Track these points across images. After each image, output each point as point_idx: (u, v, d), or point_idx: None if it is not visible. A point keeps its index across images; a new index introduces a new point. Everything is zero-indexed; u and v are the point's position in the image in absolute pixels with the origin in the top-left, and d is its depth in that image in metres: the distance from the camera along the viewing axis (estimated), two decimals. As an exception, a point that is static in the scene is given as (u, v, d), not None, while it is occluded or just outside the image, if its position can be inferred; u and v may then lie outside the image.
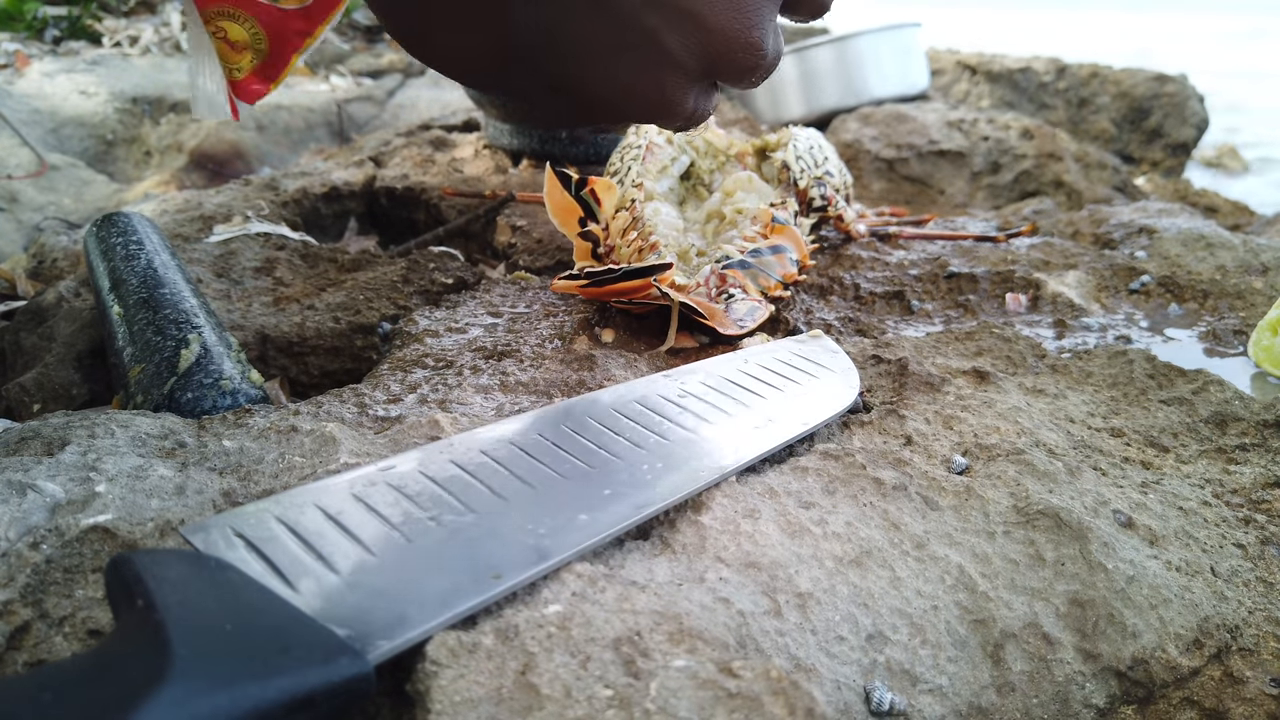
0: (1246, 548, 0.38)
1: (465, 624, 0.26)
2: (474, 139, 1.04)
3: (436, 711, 0.23)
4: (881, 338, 0.56)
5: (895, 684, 0.29)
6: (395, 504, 0.29)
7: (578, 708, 0.23)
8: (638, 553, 0.31)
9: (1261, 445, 0.44)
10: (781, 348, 0.47)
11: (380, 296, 0.63)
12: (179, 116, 1.57)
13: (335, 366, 0.59)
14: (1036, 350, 0.53)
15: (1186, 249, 0.71)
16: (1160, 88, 1.72)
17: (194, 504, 0.32)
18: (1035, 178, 1.19)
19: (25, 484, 0.31)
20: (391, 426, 0.40)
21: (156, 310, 0.48)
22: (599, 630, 0.26)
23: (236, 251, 0.68)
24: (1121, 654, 0.32)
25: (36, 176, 1.22)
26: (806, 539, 0.33)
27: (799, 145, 0.69)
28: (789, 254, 0.58)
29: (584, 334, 0.51)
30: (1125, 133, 1.75)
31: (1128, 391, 0.49)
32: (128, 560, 0.23)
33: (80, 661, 0.21)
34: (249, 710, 0.20)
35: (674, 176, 0.69)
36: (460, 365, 0.49)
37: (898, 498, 0.36)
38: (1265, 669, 0.33)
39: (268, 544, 0.27)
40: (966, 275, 0.65)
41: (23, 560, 0.28)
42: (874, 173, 1.22)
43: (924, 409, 0.44)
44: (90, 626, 0.27)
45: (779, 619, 0.29)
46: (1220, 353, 0.56)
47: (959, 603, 0.32)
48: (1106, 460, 0.42)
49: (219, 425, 0.39)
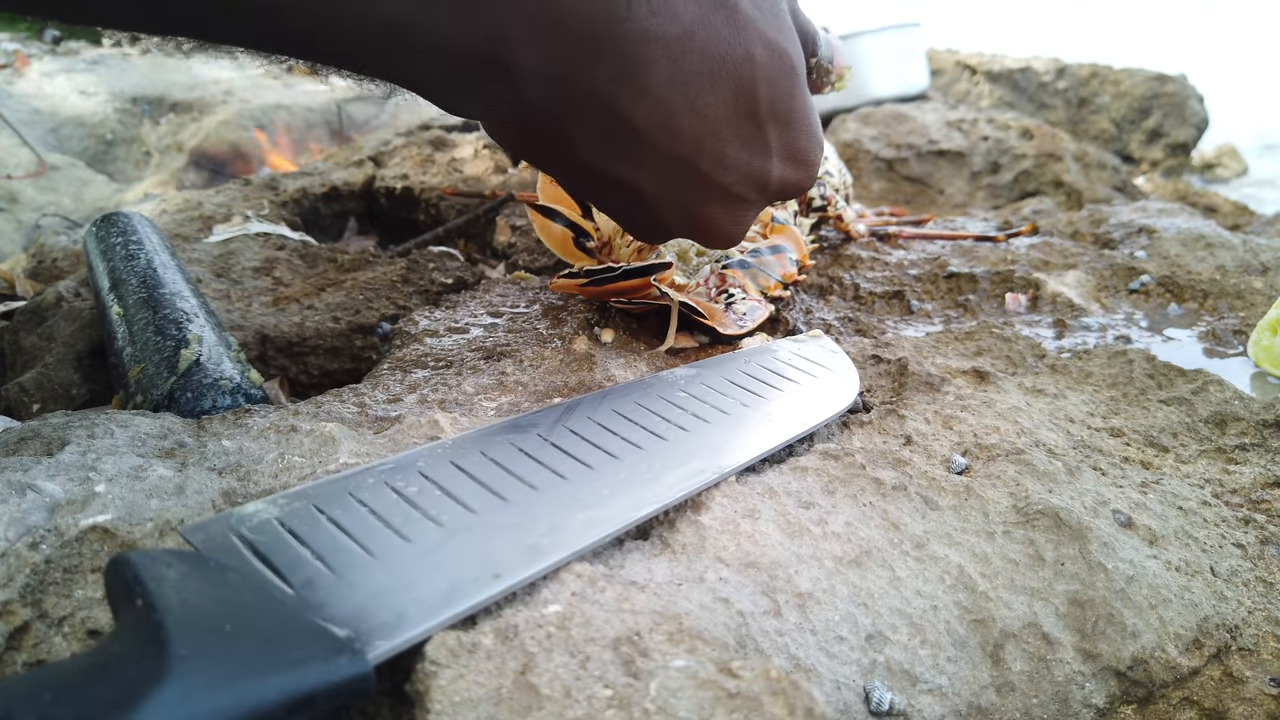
0: (1246, 548, 0.38)
1: (465, 624, 0.26)
2: (474, 139, 1.04)
3: (436, 711, 0.23)
4: (881, 338, 0.56)
5: (895, 684, 0.29)
6: (395, 504, 0.29)
7: (577, 708, 0.23)
8: (637, 553, 0.31)
9: (1261, 445, 0.44)
10: (781, 348, 0.47)
11: (380, 296, 0.63)
12: (179, 116, 1.57)
13: (335, 366, 0.59)
14: (1036, 350, 0.53)
15: (1186, 249, 0.71)
16: (1160, 88, 1.72)
17: (193, 504, 0.32)
18: (1035, 178, 1.19)
19: (25, 484, 0.31)
20: (391, 426, 0.40)
21: (156, 310, 0.48)
22: (599, 630, 0.26)
23: (236, 251, 0.68)
24: (1121, 654, 0.32)
25: (36, 176, 1.22)
26: (806, 539, 0.33)
27: (799, 145, 0.69)
28: (788, 254, 0.58)
29: (583, 334, 0.51)
30: (1125, 133, 1.75)
31: (1127, 391, 0.49)
32: (127, 560, 0.23)
33: (80, 661, 0.21)
34: (248, 710, 0.20)
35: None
36: (460, 365, 0.49)
37: (897, 498, 0.36)
38: (1265, 669, 0.33)
39: (267, 544, 0.27)
40: (966, 275, 0.65)
41: (22, 560, 0.28)
42: (874, 173, 1.22)
43: (924, 409, 0.44)
44: (90, 626, 0.27)
45: (779, 619, 0.29)
46: (1220, 353, 0.56)
47: (959, 603, 0.32)
48: (1106, 460, 0.42)
49: (219, 425, 0.39)
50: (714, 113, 0.37)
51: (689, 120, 0.37)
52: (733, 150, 0.39)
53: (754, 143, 0.39)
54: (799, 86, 0.40)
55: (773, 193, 0.43)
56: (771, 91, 0.39)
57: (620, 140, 0.37)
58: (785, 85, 0.39)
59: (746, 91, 0.38)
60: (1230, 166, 1.99)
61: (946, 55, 1.95)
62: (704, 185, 0.40)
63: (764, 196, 0.43)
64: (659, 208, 0.40)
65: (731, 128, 0.38)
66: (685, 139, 0.37)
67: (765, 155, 0.40)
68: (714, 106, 0.37)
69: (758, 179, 0.41)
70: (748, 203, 0.42)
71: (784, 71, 0.39)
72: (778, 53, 0.38)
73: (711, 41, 0.36)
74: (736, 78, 0.37)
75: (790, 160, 0.42)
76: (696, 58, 0.36)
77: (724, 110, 0.37)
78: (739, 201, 0.42)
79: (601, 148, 0.37)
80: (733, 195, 0.41)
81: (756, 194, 0.42)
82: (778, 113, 0.40)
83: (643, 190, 0.39)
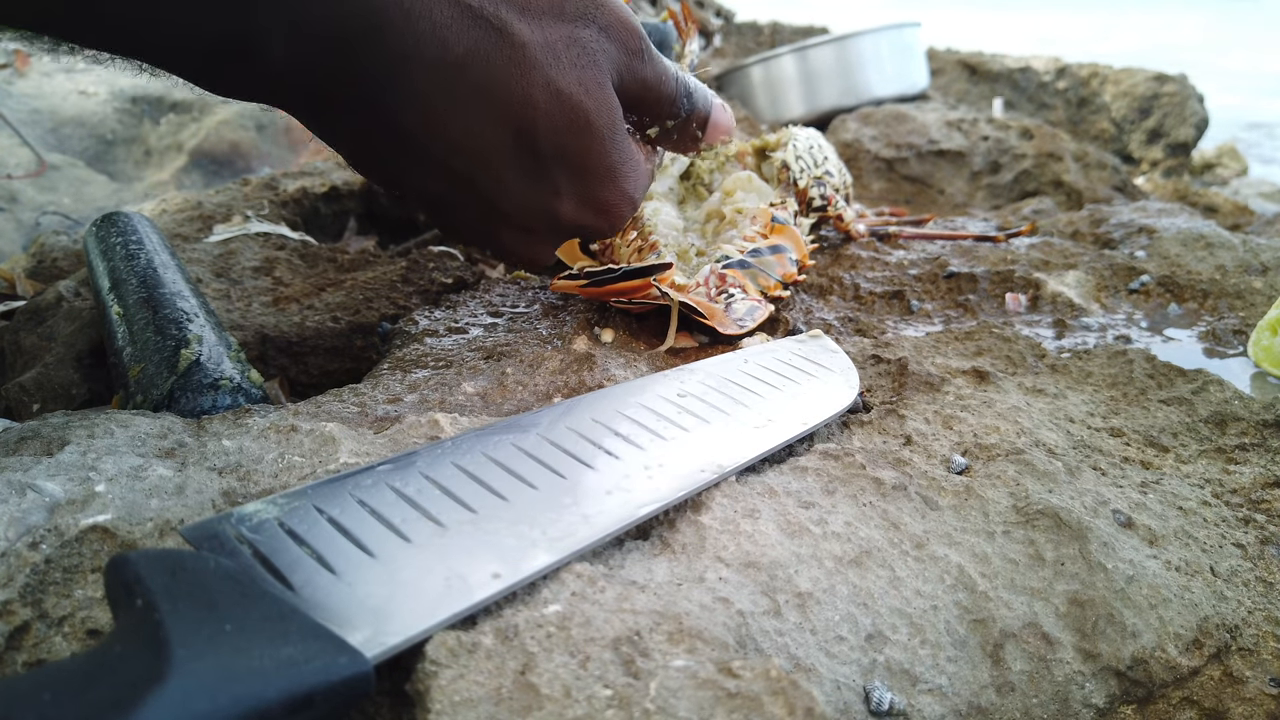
0: (1246, 548, 0.38)
1: (465, 624, 0.26)
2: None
3: (436, 711, 0.23)
4: (881, 338, 0.56)
5: (895, 684, 0.29)
6: (394, 504, 0.29)
7: (577, 708, 0.23)
8: (637, 553, 0.31)
9: (1261, 445, 0.44)
10: (781, 348, 0.47)
11: (380, 296, 0.63)
12: (179, 116, 1.58)
13: (335, 366, 0.59)
14: (1036, 350, 0.53)
15: (1186, 249, 0.71)
16: (1160, 88, 1.72)
17: (193, 504, 0.32)
18: (1035, 178, 1.19)
19: (24, 484, 0.31)
20: (391, 426, 0.40)
21: (156, 310, 0.48)
22: (599, 630, 0.26)
23: (236, 251, 0.68)
24: (1121, 654, 0.32)
25: (36, 176, 1.22)
26: (806, 539, 0.33)
27: (799, 145, 0.69)
28: (788, 254, 0.58)
29: (583, 334, 0.51)
30: (1125, 133, 1.75)
31: (1127, 391, 0.49)
32: (127, 560, 0.23)
33: (80, 661, 0.21)
34: (248, 710, 0.20)
35: (673, 176, 0.69)
36: (460, 365, 0.49)
37: (897, 498, 0.36)
38: (1265, 669, 0.33)
39: (267, 544, 0.27)
40: (966, 275, 0.65)
41: (22, 560, 0.28)
42: (874, 173, 1.22)
43: (924, 409, 0.44)
44: (90, 626, 0.27)
45: (778, 619, 0.29)
46: (1220, 353, 0.56)
47: (959, 602, 0.32)
48: (1106, 460, 0.42)
49: (218, 425, 0.39)
50: (492, 140, 0.39)
51: (465, 138, 0.38)
52: (513, 179, 0.40)
53: (537, 179, 0.41)
54: (597, 140, 0.41)
55: (566, 231, 0.44)
56: (558, 138, 0.40)
57: (398, 141, 0.38)
58: (576, 135, 0.40)
59: (526, 131, 0.39)
60: (1230, 166, 1.99)
61: (946, 55, 1.95)
62: (486, 205, 0.41)
63: (556, 233, 0.44)
64: (453, 218, 0.43)
65: (512, 159, 0.40)
66: (462, 152, 0.39)
67: (553, 194, 0.42)
68: (491, 135, 0.39)
69: (546, 215, 0.43)
70: (537, 233, 0.44)
71: (573, 122, 0.40)
72: (568, 104, 0.39)
73: (488, 77, 0.37)
74: (516, 116, 0.38)
75: (588, 206, 0.43)
76: (469, 89, 0.37)
77: (502, 141, 0.39)
78: (526, 231, 0.43)
79: (379, 147, 0.39)
80: (518, 224, 0.43)
81: (546, 228, 0.44)
82: (569, 159, 0.41)
83: (437, 196, 0.41)
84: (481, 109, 0.38)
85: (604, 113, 0.41)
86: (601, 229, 0.46)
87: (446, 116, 0.38)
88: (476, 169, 0.40)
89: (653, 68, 0.44)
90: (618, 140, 0.42)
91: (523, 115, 0.39)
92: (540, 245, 0.45)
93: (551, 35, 0.39)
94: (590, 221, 0.45)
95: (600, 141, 0.41)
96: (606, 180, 0.43)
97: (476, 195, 0.41)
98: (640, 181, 0.46)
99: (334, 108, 0.38)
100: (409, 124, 0.38)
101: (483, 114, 0.38)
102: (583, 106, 0.40)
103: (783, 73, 1.40)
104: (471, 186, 0.40)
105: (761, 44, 2.08)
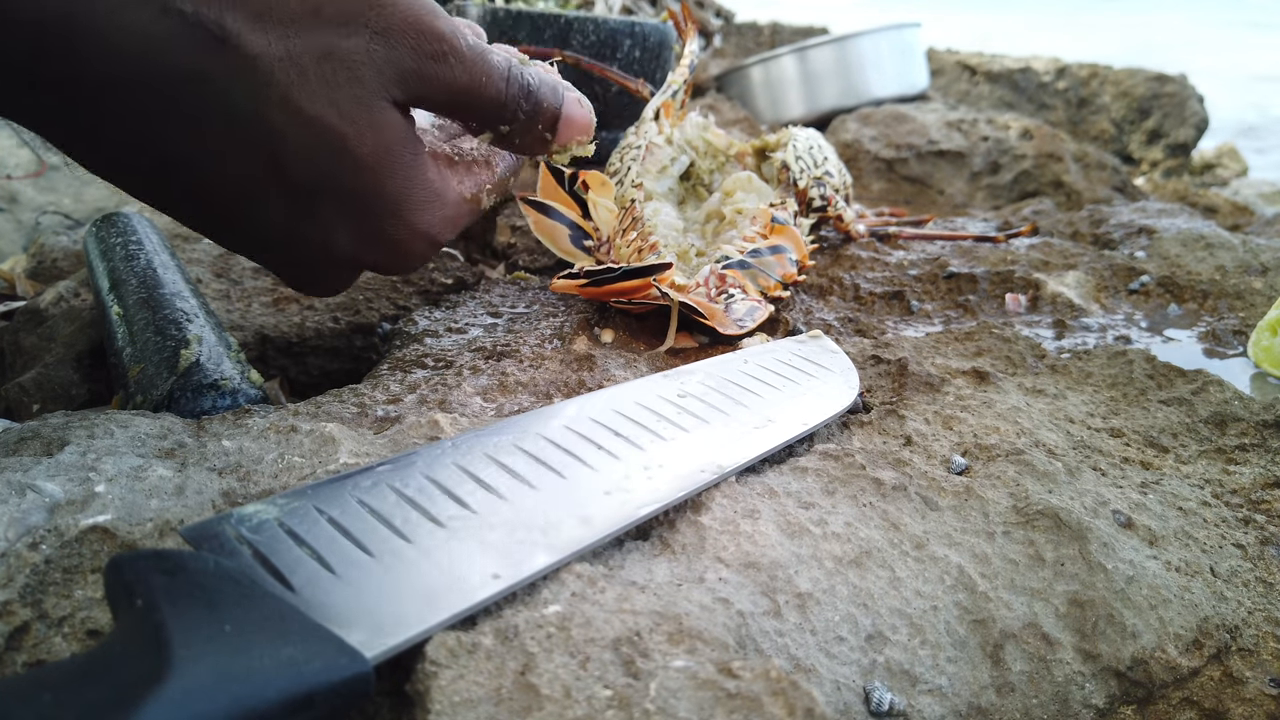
0: (1246, 548, 0.38)
1: (465, 624, 0.26)
2: (474, 139, 1.04)
3: (436, 712, 0.23)
4: (881, 338, 0.56)
5: (895, 684, 0.29)
6: (394, 504, 0.29)
7: (577, 708, 0.23)
8: (637, 553, 0.31)
9: (1261, 445, 0.44)
10: (781, 348, 0.47)
11: (380, 296, 0.63)
12: (179, 116, 1.57)
13: (335, 366, 0.59)
14: (1036, 350, 0.53)
15: (1186, 249, 0.71)
16: (1160, 88, 1.72)
17: (193, 504, 0.32)
18: (1035, 178, 1.19)
19: (24, 484, 0.31)
20: (391, 426, 0.40)
21: (156, 310, 0.48)
22: (598, 630, 0.26)
23: (236, 251, 0.68)
24: (1121, 654, 0.32)
25: (36, 176, 1.22)
26: (806, 539, 0.33)
27: (798, 145, 0.69)
28: (788, 254, 0.58)
29: (583, 334, 0.51)
30: (1125, 133, 1.75)
31: (1127, 392, 0.49)
32: (127, 560, 0.23)
33: (80, 662, 0.21)
34: (248, 710, 0.20)
35: (674, 176, 0.69)
36: (460, 365, 0.49)
37: (897, 498, 0.36)
38: (1265, 669, 0.33)
39: (267, 544, 0.27)
40: (966, 275, 0.65)
41: (22, 560, 0.28)
42: (874, 173, 1.22)
43: (923, 409, 0.44)
44: (90, 627, 0.27)
45: (778, 619, 0.29)
46: (1220, 353, 0.56)
47: (958, 603, 0.32)
48: (1106, 460, 0.42)
49: (218, 425, 0.39)
50: (242, 167, 0.35)
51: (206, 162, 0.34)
52: (276, 212, 0.36)
53: (304, 214, 0.37)
54: (364, 170, 0.36)
55: (346, 264, 0.40)
56: (313, 170, 0.35)
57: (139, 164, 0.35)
58: (334, 166, 0.35)
59: (274, 159, 0.35)
60: (1230, 166, 1.99)
61: (946, 55, 1.96)
62: (255, 231, 0.37)
63: (336, 267, 0.40)
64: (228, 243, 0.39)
65: (271, 189, 0.36)
66: (221, 174, 0.35)
67: (323, 229, 0.37)
68: (244, 163, 0.34)
69: (322, 250, 0.38)
70: (314, 263, 0.39)
71: (328, 151, 0.35)
72: (318, 130, 0.34)
73: (214, 100, 0.33)
74: (259, 144, 0.34)
75: (370, 243, 0.39)
76: (192, 112, 0.33)
77: (250, 169, 0.35)
78: (301, 262, 0.39)
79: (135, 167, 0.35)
80: (287, 256, 0.39)
81: (323, 260, 0.39)
82: (332, 193, 0.36)
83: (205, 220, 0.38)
84: (216, 135, 0.33)
85: (368, 138, 0.36)
86: (395, 268, 0.41)
87: (171, 140, 0.33)
88: (240, 192, 0.35)
89: (465, 69, 0.38)
90: (396, 169, 0.37)
91: (266, 143, 0.34)
92: (326, 276, 0.41)
93: (297, 48, 0.33)
94: (380, 259, 0.40)
95: (368, 172, 0.36)
96: (387, 215, 0.38)
97: (243, 219, 0.37)
98: (441, 213, 0.40)
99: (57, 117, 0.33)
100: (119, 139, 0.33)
101: (238, 143, 0.34)
102: (336, 132, 0.35)
103: (783, 73, 1.40)
104: (239, 209, 0.36)
105: (761, 44, 2.09)
